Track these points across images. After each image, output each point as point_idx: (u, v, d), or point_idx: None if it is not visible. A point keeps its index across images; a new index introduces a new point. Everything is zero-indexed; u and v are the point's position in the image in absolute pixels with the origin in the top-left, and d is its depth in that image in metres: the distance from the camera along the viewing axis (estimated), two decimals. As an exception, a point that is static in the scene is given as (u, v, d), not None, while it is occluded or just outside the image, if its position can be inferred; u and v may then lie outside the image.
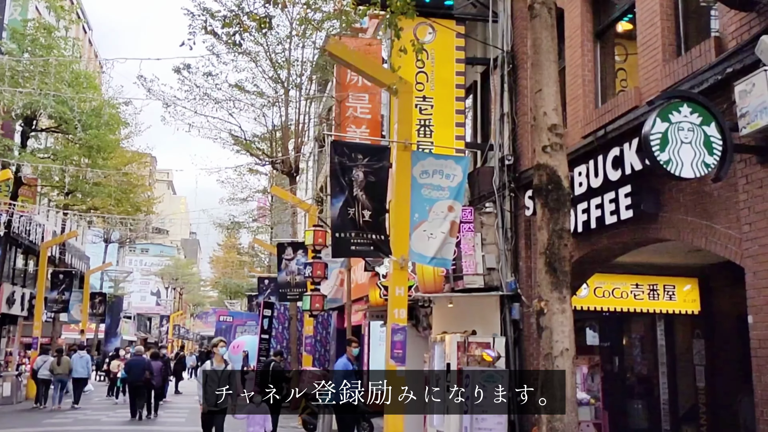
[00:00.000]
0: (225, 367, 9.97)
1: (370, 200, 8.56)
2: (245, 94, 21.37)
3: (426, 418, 10.79)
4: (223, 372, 9.81)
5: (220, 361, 10.05)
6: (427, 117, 10.54)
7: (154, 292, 70.77)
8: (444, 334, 10.24)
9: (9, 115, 18.48)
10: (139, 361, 17.17)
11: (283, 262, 17.15)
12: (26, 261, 28.28)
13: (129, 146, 29.50)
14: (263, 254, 42.71)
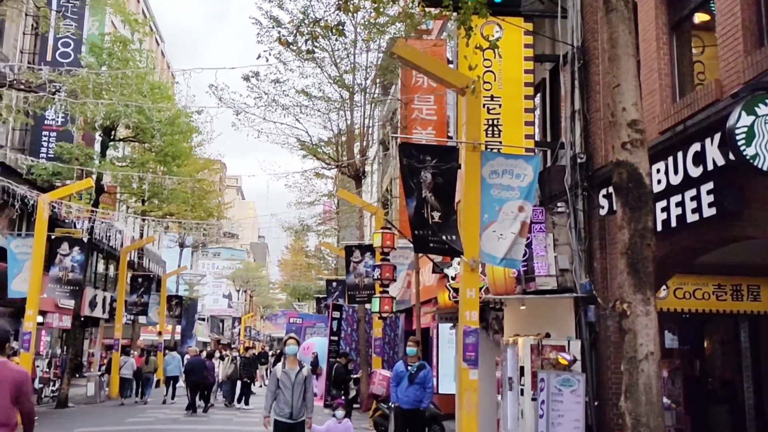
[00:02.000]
0: (299, 370, 8.23)
1: (438, 201, 8.51)
2: (311, 99, 21.69)
3: (499, 421, 10.65)
4: (297, 376, 8.16)
5: (294, 363, 8.31)
6: (495, 116, 10.40)
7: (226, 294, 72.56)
8: (516, 336, 10.08)
9: (90, 125, 19.32)
10: (199, 361, 18.24)
11: (351, 264, 17.29)
12: (107, 266, 29.51)
13: (201, 153, 30.36)
14: (330, 257, 43.18)
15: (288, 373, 8.15)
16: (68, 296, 17.55)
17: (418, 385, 9.80)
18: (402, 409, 9.91)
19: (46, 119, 20.06)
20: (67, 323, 22.19)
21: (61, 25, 15.86)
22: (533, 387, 9.22)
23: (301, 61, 21.00)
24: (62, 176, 18.03)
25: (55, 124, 20.01)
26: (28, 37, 20.06)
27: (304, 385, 8.17)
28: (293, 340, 8.61)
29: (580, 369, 9.16)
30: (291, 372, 8.16)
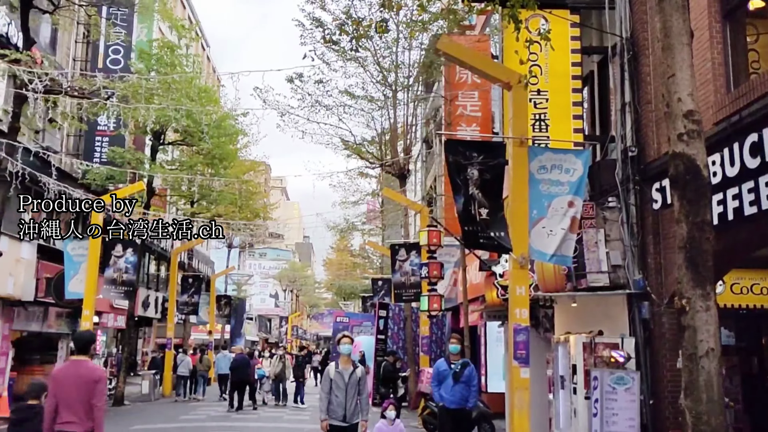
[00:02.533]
0: (353, 371, 7.75)
1: (486, 198, 8.43)
2: (354, 99, 21.79)
3: (551, 420, 10.51)
4: (351, 376, 7.69)
5: (347, 364, 7.80)
6: (542, 111, 10.26)
7: (273, 294, 73.48)
8: (568, 334, 9.93)
9: (141, 130, 19.78)
10: (243, 360, 18.75)
11: (396, 263, 17.29)
12: (158, 267, 30.19)
13: (246, 155, 30.79)
14: (375, 256, 43.29)
15: (341, 374, 7.68)
16: (122, 297, 18.01)
17: (463, 383, 9.46)
18: (448, 409, 9.55)
19: (98, 125, 20.63)
20: (122, 323, 22.80)
21: (111, 32, 16.28)
22: (586, 385, 9.06)
23: (344, 61, 21.12)
24: (115, 180, 18.52)
25: (107, 130, 20.56)
26: (80, 45, 20.66)
27: (358, 386, 7.69)
28: (348, 338, 8.03)
29: (634, 367, 8.97)
30: (344, 372, 7.69)
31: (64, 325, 19.90)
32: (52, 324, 19.32)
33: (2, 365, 16.23)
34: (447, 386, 9.46)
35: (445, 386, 9.50)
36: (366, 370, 23.50)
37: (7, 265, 15.38)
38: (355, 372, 7.74)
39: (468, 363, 9.78)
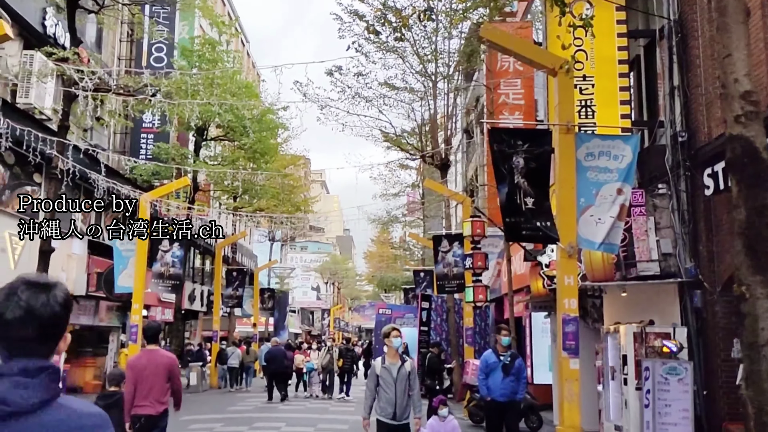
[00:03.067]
0: (401, 365, 7.14)
1: (532, 187, 8.29)
2: (394, 91, 21.75)
3: (601, 412, 10.34)
4: (399, 371, 7.09)
5: (395, 358, 7.22)
6: (588, 97, 10.07)
7: (315, 287, 74.09)
8: (617, 324, 9.74)
9: (184, 126, 20.09)
10: (280, 352, 19.06)
11: (439, 254, 17.21)
12: (203, 261, 30.71)
13: (287, 149, 31.04)
14: (416, 248, 43.23)
15: (389, 369, 7.12)
16: (170, 290, 18.36)
17: (513, 376, 9.13)
18: (497, 402, 9.21)
19: (144, 122, 21.02)
20: (170, 316, 23.26)
21: (154, 30, 16.55)
22: (637, 376, 8.88)
23: (384, 52, 21.10)
24: (161, 176, 18.86)
25: (152, 127, 20.94)
26: (124, 44, 21.06)
27: (408, 381, 7.13)
28: (397, 331, 7.40)
29: (686, 357, 8.76)
30: (392, 367, 7.11)
31: (115, 318, 20.41)
32: (103, 318, 19.83)
33: (57, 358, 16.72)
34: (496, 379, 9.16)
35: (493, 379, 9.18)
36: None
37: (59, 261, 15.80)
38: (403, 366, 7.16)
39: (517, 355, 9.54)
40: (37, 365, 1.76)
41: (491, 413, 9.49)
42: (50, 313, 1.80)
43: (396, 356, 7.25)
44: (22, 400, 1.69)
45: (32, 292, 1.80)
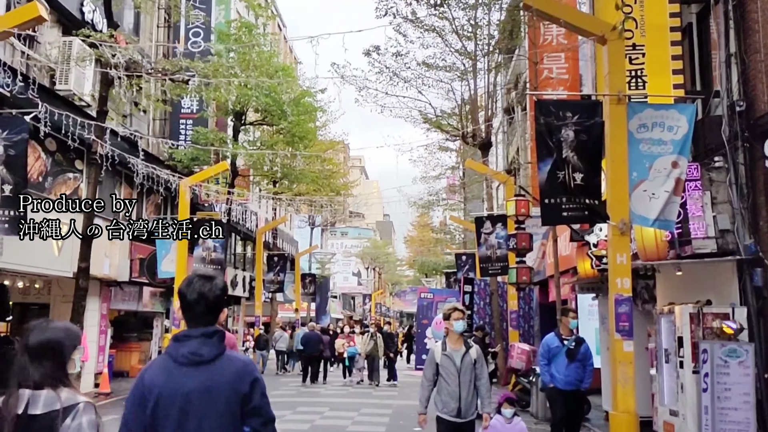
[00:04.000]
0: (466, 352, 6.12)
1: (582, 161, 7.90)
2: (433, 71, 21.37)
3: (654, 396, 9.92)
4: (464, 359, 6.08)
5: (458, 343, 6.17)
6: (638, 67, 9.55)
7: (355, 272, 74.32)
8: (671, 305, 9.28)
9: (222, 111, 20.08)
10: (314, 336, 19.16)
11: (482, 236, 16.83)
12: (245, 247, 30.88)
13: (326, 134, 30.89)
14: (457, 231, 42.83)
15: (451, 357, 6.09)
16: (212, 275, 18.40)
17: (578, 362, 8.45)
18: (560, 391, 8.47)
19: (182, 108, 21.07)
20: (212, 301, 23.41)
21: (190, 13, 16.48)
22: (694, 359, 8.43)
23: (422, 31, 20.71)
24: (200, 161, 18.87)
25: (191, 112, 20.97)
26: (161, 30, 21.09)
27: (474, 370, 6.10)
28: (459, 313, 6.26)
29: (747, 338, 8.27)
30: (455, 354, 6.09)
31: (159, 304, 20.62)
32: (147, 303, 20.03)
33: (102, 343, 16.94)
34: (559, 365, 8.47)
35: (556, 365, 8.49)
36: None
37: (102, 247, 15.93)
38: (468, 354, 6.11)
39: (582, 339, 8.84)
40: (211, 330, 2.67)
41: (555, 404, 8.78)
42: (213, 295, 2.70)
43: (459, 341, 6.20)
44: (207, 353, 2.63)
45: (202, 282, 2.70)
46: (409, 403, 15.11)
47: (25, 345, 2.50)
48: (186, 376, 2.62)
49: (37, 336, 2.52)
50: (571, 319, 8.77)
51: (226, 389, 2.63)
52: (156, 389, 2.63)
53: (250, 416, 2.69)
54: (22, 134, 8.62)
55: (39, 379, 2.46)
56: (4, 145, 8.54)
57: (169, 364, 2.68)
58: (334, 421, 12.43)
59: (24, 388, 2.45)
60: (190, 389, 2.61)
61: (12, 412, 2.38)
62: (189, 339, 2.67)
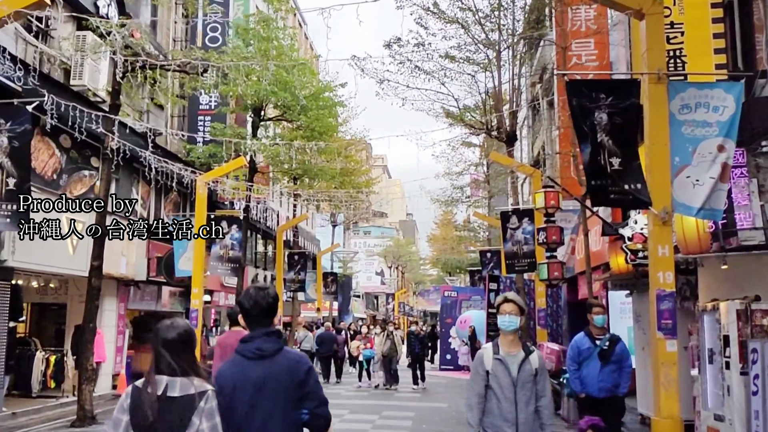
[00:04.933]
0: (525, 358, 4.57)
1: (617, 145, 7.29)
2: (455, 62, 20.80)
3: (696, 399, 9.26)
4: (522, 368, 4.53)
5: (514, 346, 4.63)
6: (677, 46, 8.93)
7: (378, 272, 73.93)
8: (715, 301, 8.62)
9: (241, 107, 19.70)
10: (328, 336, 19.00)
11: (507, 231, 16.19)
12: (265, 245, 30.54)
13: (347, 130, 30.44)
14: (481, 228, 42.16)
15: (504, 363, 4.52)
16: (230, 273, 18.03)
17: (613, 364, 7.44)
18: (593, 399, 7.46)
19: (200, 104, 20.75)
20: (233, 301, 23.06)
21: (207, 6, 16.12)
22: (742, 359, 7.77)
23: (444, 23, 20.16)
24: (218, 158, 18.51)
25: (209, 109, 20.65)
26: (179, 26, 20.79)
27: (535, 383, 4.51)
28: (511, 305, 4.67)
29: (801, 337, 7.61)
30: (510, 360, 4.53)
31: (177, 303, 20.30)
32: (166, 303, 19.73)
33: (120, 344, 16.64)
34: (591, 369, 7.39)
35: (588, 369, 7.40)
36: (477, 346, 22.25)
37: (118, 246, 15.62)
38: (528, 361, 4.53)
39: (618, 338, 7.76)
40: (270, 330, 3.29)
41: (586, 413, 7.66)
42: (267, 302, 3.31)
43: (515, 343, 4.62)
44: (269, 348, 3.22)
45: (257, 291, 3.34)
46: (432, 405, 14.59)
47: (163, 340, 2.99)
48: (253, 368, 3.21)
49: (172, 333, 3.02)
50: (595, 315, 7.63)
51: (285, 377, 3.21)
52: (231, 379, 3.20)
53: (306, 399, 3.26)
54: (26, 125, 8.26)
55: (176, 369, 2.96)
56: (8, 136, 8.20)
57: (240, 359, 3.28)
58: (353, 425, 11.94)
59: (162, 375, 2.95)
60: (257, 378, 3.18)
61: (153, 394, 2.90)
62: (254, 339, 3.30)
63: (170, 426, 2.88)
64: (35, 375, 14.13)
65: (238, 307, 3.54)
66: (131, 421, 2.91)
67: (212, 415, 2.94)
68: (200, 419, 2.90)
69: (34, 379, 14.11)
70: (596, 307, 7.72)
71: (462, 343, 23.75)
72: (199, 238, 15.33)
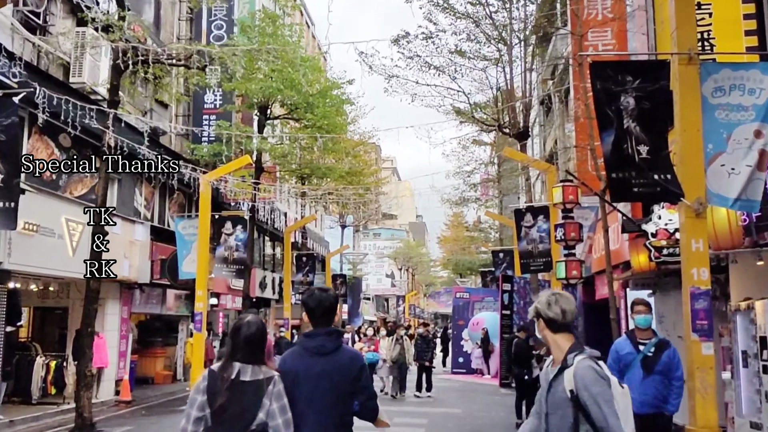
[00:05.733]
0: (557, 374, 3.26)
1: (645, 132, 6.73)
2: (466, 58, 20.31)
3: (728, 405, 8.69)
4: (553, 386, 3.29)
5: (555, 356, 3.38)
6: (705, 28, 8.39)
7: (389, 274, 73.38)
8: (749, 300, 8.06)
9: (246, 104, 19.27)
10: None
11: (522, 230, 15.60)
12: (273, 247, 30.09)
13: (355, 129, 29.98)
14: (492, 229, 41.58)
15: (546, 377, 3.42)
16: (235, 275, 17.56)
17: (660, 375, 6.16)
18: (636, 415, 5.51)
19: (205, 103, 20.33)
20: (240, 305, 22.59)
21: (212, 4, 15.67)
22: (781, 362, 7.22)
23: (455, 18, 19.69)
24: (223, 157, 18.07)
25: (214, 107, 20.23)
26: (183, 24, 20.39)
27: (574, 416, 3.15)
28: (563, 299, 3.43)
29: None
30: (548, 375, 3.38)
31: (183, 307, 19.85)
32: (171, 306, 19.29)
33: (123, 348, 16.18)
34: (632, 379, 6.08)
35: (630, 380, 6.04)
36: (491, 348, 21.52)
37: (121, 248, 15.19)
38: (560, 380, 3.24)
39: (667, 343, 6.43)
40: (332, 330, 3.67)
41: None
42: (329, 303, 3.73)
43: (559, 355, 3.31)
44: (329, 346, 3.59)
45: (320, 293, 3.77)
46: (446, 411, 14.04)
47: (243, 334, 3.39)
48: (315, 362, 3.50)
49: (251, 328, 3.43)
50: (636, 314, 6.42)
51: (341, 373, 3.52)
52: (293, 371, 3.49)
53: (359, 393, 3.58)
54: (12, 117, 7.81)
55: (248, 358, 3.35)
56: (-4, 130, 7.75)
57: (303, 353, 3.58)
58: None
59: (235, 362, 3.32)
60: (317, 371, 3.48)
61: (227, 377, 3.27)
62: (316, 336, 3.59)
63: (244, 406, 3.26)
64: (35, 381, 13.71)
65: (303, 306, 3.78)
66: (207, 401, 3.26)
67: (280, 396, 3.33)
68: (270, 400, 3.28)
69: (34, 385, 13.69)
70: (639, 305, 6.51)
71: (475, 346, 23.17)
72: (203, 239, 14.88)
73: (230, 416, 3.21)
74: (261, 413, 3.23)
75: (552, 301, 3.44)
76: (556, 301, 3.44)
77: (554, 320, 3.40)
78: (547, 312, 3.43)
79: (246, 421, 3.21)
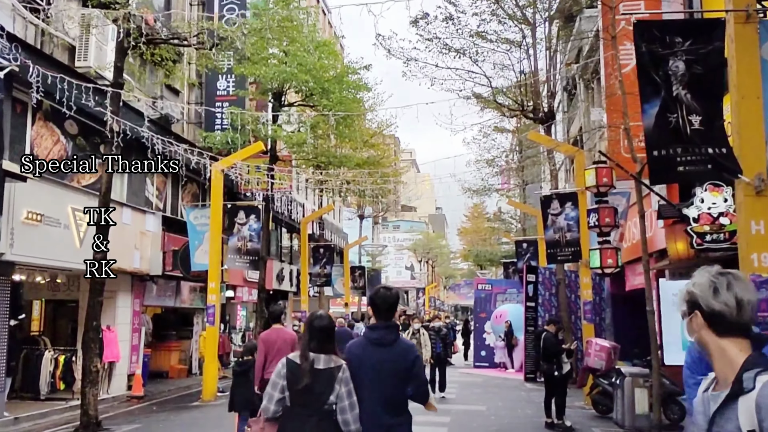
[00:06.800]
0: (731, 401, 1.87)
1: (698, 100, 6.03)
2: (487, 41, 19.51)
3: None
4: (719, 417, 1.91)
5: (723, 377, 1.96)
6: (757, -11, 7.53)
7: (408, 266, 72.77)
8: (808, 289, 7.24)
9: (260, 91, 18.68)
10: (344, 333, 17.93)
11: (548, 218, 14.86)
12: (291, 239, 29.55)
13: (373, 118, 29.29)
14: (513, 219, 40.73)
15: (705, 405, 2.01)
16: (249, 267, 17.01)
17: None
18: None
19: (218, 90, 19.77)
20: (256, 297, 22.07)
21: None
22: None
23: (475, 0, 18.89)
24: (235, 144, 17.50)
25: (227, 95, 19.66)
26: (194, 8, 19.81)
27: None
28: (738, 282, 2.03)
29: None
30: (710, 403, 1.97)
31: (198, 300, 19.36)
32: (185, 299, 18.81)
33: (135, 342, 15.68)
34: None
35: None
36: (514, 342, 20.65)
37: (132, 239, 14.69)
38: (734, 409, 1.88)
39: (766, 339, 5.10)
40: (391, 324, 4.13)
41: None
42: (392, 300, 4.15)
43: (728, 372, 1.93)
44: (389, 338, 4.04)
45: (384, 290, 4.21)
46: (469, 408, 13.37)
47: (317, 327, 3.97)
48: (375, 352, 4.02)
49: (323, 322, 4.03)
50: None
51: (398, 361, 4.03)
52: (356, 359, 4.02)
53: (412, 380, 4.08)
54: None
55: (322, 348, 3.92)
56: (-18, 109, 7.19)
57: (366, 344, 4.10)
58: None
59: (311, 352, 3.90)
60: (377, 360, 3.99)
61: (308, 364, 3.85)
62: (378, 329, 4.11)
63: (320, 389, 3.81)
64: (44, 376, 13.25)
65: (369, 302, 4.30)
66: (288, 385, 3.83)
67: (348, 381, 3.87)
68: (340, 385, 3.83)
69: (42, 380, 13.23)
70: None
71: (498, 339, 22.43)
72: (215, 229, 14.32)
73: (308, 398, 3.80)
74: (332, 396, 3.81)
75: (721, 284, 2.02)
76: (727, 285, 2.02)
77: (722, 315, 1.99)
78: (711, 302, 2.01)
79: (321, 403, 3.79)
